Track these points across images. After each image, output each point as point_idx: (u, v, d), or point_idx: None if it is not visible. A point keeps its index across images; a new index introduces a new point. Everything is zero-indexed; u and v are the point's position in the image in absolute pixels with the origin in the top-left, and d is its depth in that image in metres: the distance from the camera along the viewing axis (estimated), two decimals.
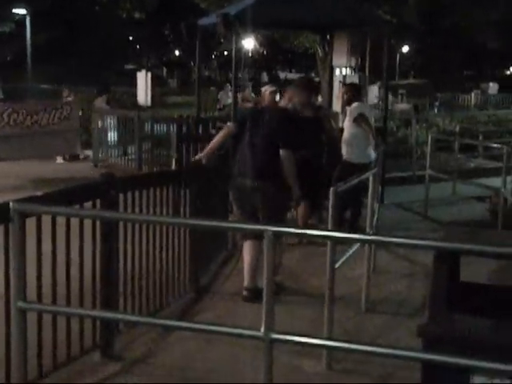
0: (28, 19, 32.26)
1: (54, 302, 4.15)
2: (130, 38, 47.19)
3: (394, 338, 5.03)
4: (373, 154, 7.93)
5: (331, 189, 4.70)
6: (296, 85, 6.62)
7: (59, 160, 13.92)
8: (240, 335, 3.40)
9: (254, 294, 5.66)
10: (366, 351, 3.23)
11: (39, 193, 4.32)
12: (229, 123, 6.58)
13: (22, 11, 32.73)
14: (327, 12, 10.26)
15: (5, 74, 35.84)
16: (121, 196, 4.76)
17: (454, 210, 10.22)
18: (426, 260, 5.52)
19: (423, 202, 9.79)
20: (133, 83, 21.51)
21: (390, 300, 5.99)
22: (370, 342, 4.71)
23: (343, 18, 10.40)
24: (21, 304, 3.50)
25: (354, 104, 8.19)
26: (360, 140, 8.03)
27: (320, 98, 10.45)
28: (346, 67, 11.41)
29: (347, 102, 8.35)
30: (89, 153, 14.31)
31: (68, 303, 4.27)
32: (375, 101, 21.97)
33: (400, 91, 32.58)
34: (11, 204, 3.46)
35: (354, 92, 8.38)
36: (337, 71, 11.67)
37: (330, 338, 4.10)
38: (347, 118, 8.30)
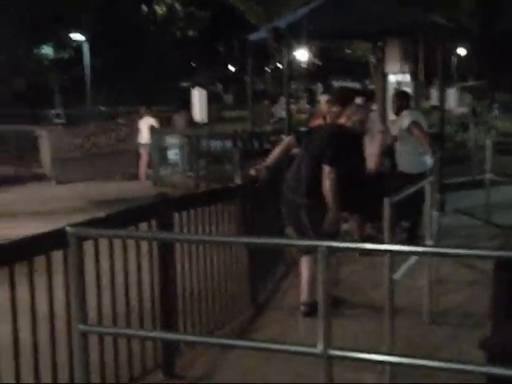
0: (86, 44, 33.08)
1: (115, 323, 4.20)
2: (185, 56, 47.79)
3: (458, 350, 4.91)
4: (429, 162, 7.78)
5: (385, 200, 4.62)
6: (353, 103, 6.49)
7: (118, 180, 14.15)
8: (297, 353, 3.36)
9: (312, 309, 5.47)
10: (428, 366, 3.15)
11: (100, 214, 4.39)
12: (287, 136, 6.48)
13: (79, 37, 33.60)
14: (378, 19, 10.17)
15: (66, 99, 36.82)
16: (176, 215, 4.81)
17: None
18: (491, 267, 5.37)
19: (484, 207, 9.56)
20: (188, 100, 21.74)
21: (453, 311, 5.85)
22: (433, 354, 4.61)
23: (394, 25, 10.29)
24: (82, 327, 3.54)
25: (404, 112, 8.07)
26: (413, 149, 7.90)
27: (374, 106, 10.33)
28: (400, 73, 11.28)
29: (397, 111, 8.23)
30: (149, 172, 14.51)
31: (128, 324, 4.31)
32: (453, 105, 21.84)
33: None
34: (67, 229, 3.52)
35: (403, 100, 8.25)
36: (391, 78, 11.54)
37: (390, 353, 4.02)
38: (399, 128, 8.17)
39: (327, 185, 5.68)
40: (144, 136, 14.34)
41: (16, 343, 3.53)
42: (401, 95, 8.50)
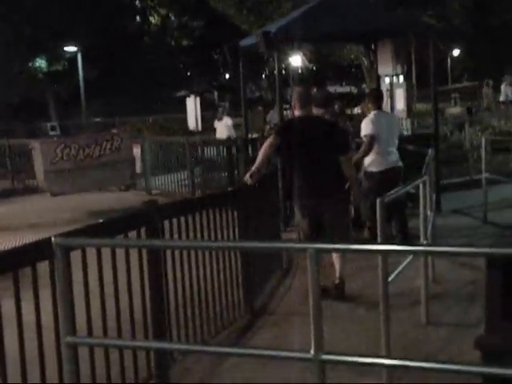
0: (79, 56, 33.06)
1: (105, 334, 4.13)
2: (180, 65, 47.82)
3: (456, 351, 4.84)
4: (390, 161, 7.94)
5: (378, 200, 4.57)
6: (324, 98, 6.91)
7: (114, 191, 14.09)
8: (290, 358, 3.30)
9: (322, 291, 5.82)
10: (425, 368, 3.08)
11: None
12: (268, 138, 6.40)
13: (73, 49, 33.58)
14: (369, 21, 10.14)
15: (61, 111, 36.80)
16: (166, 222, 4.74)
17: None
18: None
19: (482, 207, 9.50)
20: (184, 109, 21.73)
21: (451, 311, 5.79)
22: (430, 356, 4.55)
23: (385, 26, 10.27)
24: (70, 339, 3.47)
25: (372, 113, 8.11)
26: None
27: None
28: (393, 75, 11.25)
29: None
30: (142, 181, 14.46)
31: (119, 335, 4.24)
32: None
33: (453, 95, 31.99)
34: (53, 239, 3.45)
35: (372, 100, 8.25)
36: (385, 79, 11.52)
37: (386, 356, 3.95)
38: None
39: (349, 167, 6.18)
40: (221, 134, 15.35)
41: (2, 356, 3.46)
42: (369, 95, 8.67)
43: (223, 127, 16.04)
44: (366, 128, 7.93)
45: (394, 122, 8.50)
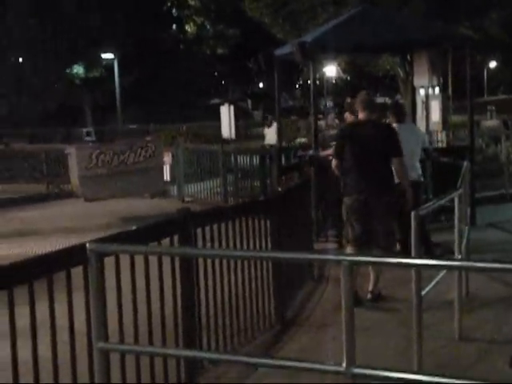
0: (116, 63, 33.46)
1: (137, 340, 4.14)
2: (215, 74, 48.12)
3: (489, 368, 4.76)
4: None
5: (412, 213, 4.53)
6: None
7: (147, 197, 14.18)
8: (322, 370, 3.27)
9: (376, 297, 6.52)
10: None
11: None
12: (333, 161, 6.86)
13: (110, 56, 34.01)
14: (405, 32, 10.11)
15: (97, 117, 37.27)
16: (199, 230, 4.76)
17: None
18: None
19: None
20: (218, 117, 21.83)
21: (484, 326, 5.70)
22: (463, 372, 4.48)
23: (422, 37, 10.21)
24: (102, 345, 3.48)
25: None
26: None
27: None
28: (429, 87, 11.18)
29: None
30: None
31: (150, 341, 4.25)
32: None
33: (489, 108, 31.64)
34: (88, 245, 3.48)
35: (392, 113, 8.36)
36: (420, 91, 11.44)
37: (418, 372, 3.90)
38: None
39: (401, 169, 6.63)
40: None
41: (36, 362, 3.49)
42: (391, 109, 8.70)
43: (272, 133, 16.26)
44: None
45: (416, 136, 8.38)
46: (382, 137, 6.64)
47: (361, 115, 6.77)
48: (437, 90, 11.21)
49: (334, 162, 6.78)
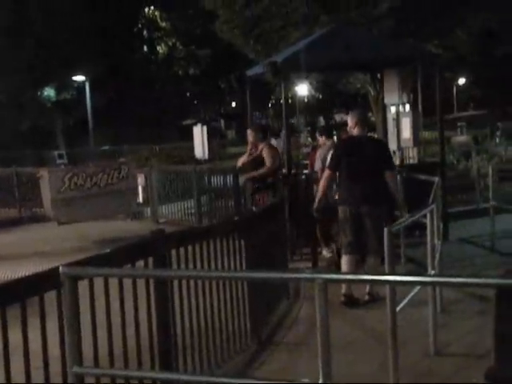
0: (87, 85, 33.37)
1: (112, 364, 4.11)
2: (188, 94, 48.16)
3: (465, 381, 4.79)
4: None
5: (385, 229, 4.57)
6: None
7: (120, 219, 14.11)
8: None
9: (350, 300, 6.81)
10: None
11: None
12: (326, 171, 7.35)
13: (81, 78, 33.90)
14: (375, 50, 10.22)
15: (69, 139, 37.05)
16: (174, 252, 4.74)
17: None
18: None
19: (490, 236, 9.47)
20: (191, 138, 21.83)
21: (460, 341, 5.73)
22: None
23: (391, 56, 10.34)
24: (77, 369, 3.45)
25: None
26: None
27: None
28: (399, 104, 11.29)
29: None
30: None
31: (126, 364, 4.22)
32: None
33: (459, 124, 32.06)
34: (61, 268, 3.45)
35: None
36: (391, 108, 11.56)
37: None
38: None
39: (393, 182, 7.10)
40: None
41: None
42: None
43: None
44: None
45: None
46: (376, 151, 7.11)
47: (357, 131, 7.20)
48: (407, 107, 11.33)
49: (326, 174, 7.23)
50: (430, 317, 5.47)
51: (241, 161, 9.80)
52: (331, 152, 7.62)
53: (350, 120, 7.33)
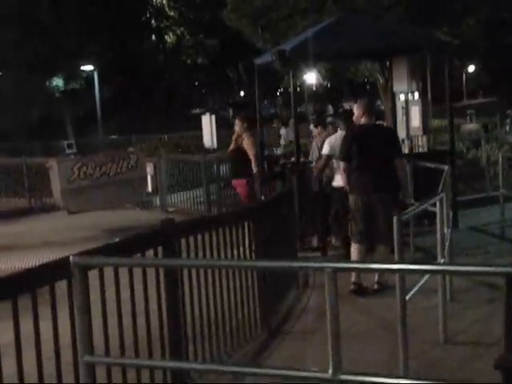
0: (96, 75, 33.36)
1: (123, 353, 4.13)
2: (196, 83, 48.09)
3: (474, 370, 4.79)
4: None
5: (395, 218, 4.56)
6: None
7: (130, 208, 14.14)
8: (307, 378, 3.28)
9: (360, 289, 6.87)
10: None
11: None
12: (342, 163, 7.33)
13: (89, 67, 33.90)
14: (384, 38, 10.16)
15: (78, 129, 37.09)
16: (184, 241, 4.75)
17: None
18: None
19: (499, 224, 9.44)
20: (199, 127, 21.80)
21: (469, 330, 5.73)
22: (449, 375, 4.51)
23: (400, 43, 10.28)
24: (88, 358, 3.47)
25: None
26: None
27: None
28: (408, 92, 11.24)
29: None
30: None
31: (136, 354, 4.24)
32: None
33: (468, 111, 31.90)
34: (71, 258, 3.47)
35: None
36: (400, 97, 11.51)
37: (404, 376, 3.92)
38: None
39: (402, 169, 7.29)
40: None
41: (21, 377, 3.47)
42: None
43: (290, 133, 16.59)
44: (325, 147, 8.35)
45: None
46: (385, 139, 7.20)
47: (365, 119, 7.24)
48: (416, 95, 11.28)
49: (342, 165, 7.24)
50: (440, 305, 5.47)
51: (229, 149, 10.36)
52: (340, 142, 7.64)
53: (357, 109, 7.34)
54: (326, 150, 8.31)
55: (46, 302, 3.69)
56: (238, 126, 9.96)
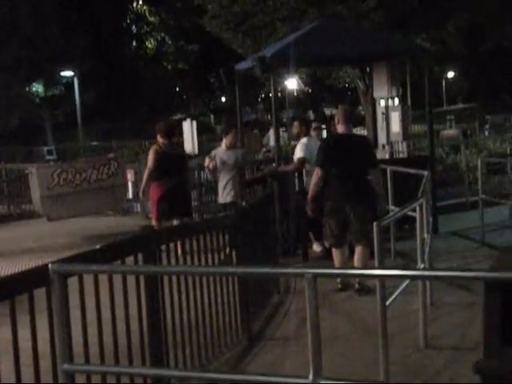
0: (76, 80, 33.20)
1: (103, 360, 4.10)
2: (177, 89, 48.01)
3: (455, 375, 4.81)
4: None
5: (374, 224, 4.57)
6: None
7: (110, 215, 14.07)
8: (288, 383, 3.28)
9: (345, 286, 7.02)
10: None
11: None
12: (317, 169, 7.27)
13: (69, 73, 33.72)
14: (364, 44, 10.23)
15: (58, 135, 36.87)
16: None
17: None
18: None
19: (479, 229, 9.50)
20: (181, 133, 21.75)
21: (450, 334, 5.76)
22: (429, 380, 4.53)
23: (380, 49, 10.35)
24: (67, 366, 3.44)
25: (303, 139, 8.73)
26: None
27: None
28: (388, 98, 11.31)
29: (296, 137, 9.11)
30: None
31: (116, 361, 4.21)
32: None
33: (448, 117, 32.13)
34: (50, 265, 3.44)
35: (302, 127, 9.02)
36: (380, 102, 11.57)
37: (384, 381, 3.93)
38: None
39: (377, 178, 7.23)
40: None
41: None
42: (300, 123, 9.22)
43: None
44: (298, 152, 8.57)
45: None
46: (359, 148, 7.21)
47: (341, 128, 7.26)
48: (396, 100, 11.35)
49: (317, 172, 7.20)
50: (420, 310, 5.49)
51: None
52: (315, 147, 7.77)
53: (336, 116, 7.43)
54: (300, 153, 8.41)
55: (24, 310, 3.66)
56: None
